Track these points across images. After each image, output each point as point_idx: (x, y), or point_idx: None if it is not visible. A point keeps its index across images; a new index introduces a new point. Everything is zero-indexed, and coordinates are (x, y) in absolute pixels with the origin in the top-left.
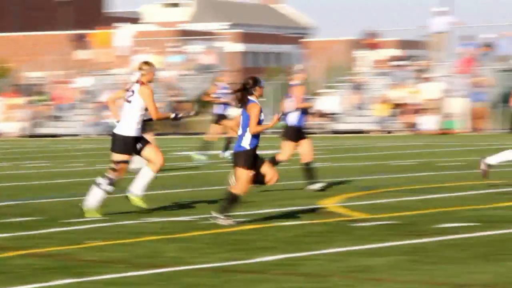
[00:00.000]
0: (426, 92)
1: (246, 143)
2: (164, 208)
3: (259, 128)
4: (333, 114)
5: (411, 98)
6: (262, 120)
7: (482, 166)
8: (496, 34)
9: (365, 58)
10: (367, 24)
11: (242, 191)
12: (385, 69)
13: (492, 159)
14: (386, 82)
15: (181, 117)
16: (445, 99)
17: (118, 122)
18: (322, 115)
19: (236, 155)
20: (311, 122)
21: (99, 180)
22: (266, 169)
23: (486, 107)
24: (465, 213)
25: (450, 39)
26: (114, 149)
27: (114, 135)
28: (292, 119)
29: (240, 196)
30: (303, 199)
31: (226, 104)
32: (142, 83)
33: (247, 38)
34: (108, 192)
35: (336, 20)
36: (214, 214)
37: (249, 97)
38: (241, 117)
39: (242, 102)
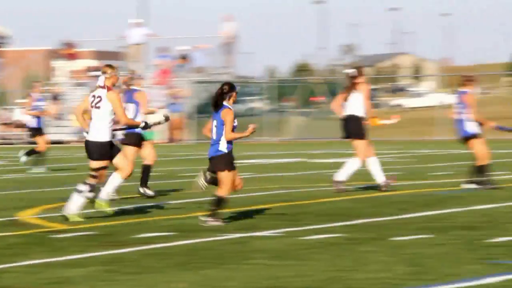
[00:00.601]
0: None
1: (223, 147)
2: None
3: (234, 136)
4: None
5: None
6: (236, 126)
7: (335, 185)
8: (191, 47)
9: (63, 68)
10: (65, 34)
11: (227, 192)
12: (83, 80)
13: (340, 175)
14: (83, 93)
15: (151, 125)
16: None
17: (87, 132)
18: (20, 125)
19: (215, 160)
20: (9, 132)
21: (80, 187)
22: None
23: (182, 117)
24: (164, 222)
25: (147, 50)
26: (92, 157)
27: (88, 143)
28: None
29: (226, 198)
30: (1, 211)
31: (39, 117)
32: (108, 88)
33: None
34: (88, 198)
35: (32, 29)
36: (203, 218)
37: (224, 103)
38: (215, 121)
39: (217, 106)
